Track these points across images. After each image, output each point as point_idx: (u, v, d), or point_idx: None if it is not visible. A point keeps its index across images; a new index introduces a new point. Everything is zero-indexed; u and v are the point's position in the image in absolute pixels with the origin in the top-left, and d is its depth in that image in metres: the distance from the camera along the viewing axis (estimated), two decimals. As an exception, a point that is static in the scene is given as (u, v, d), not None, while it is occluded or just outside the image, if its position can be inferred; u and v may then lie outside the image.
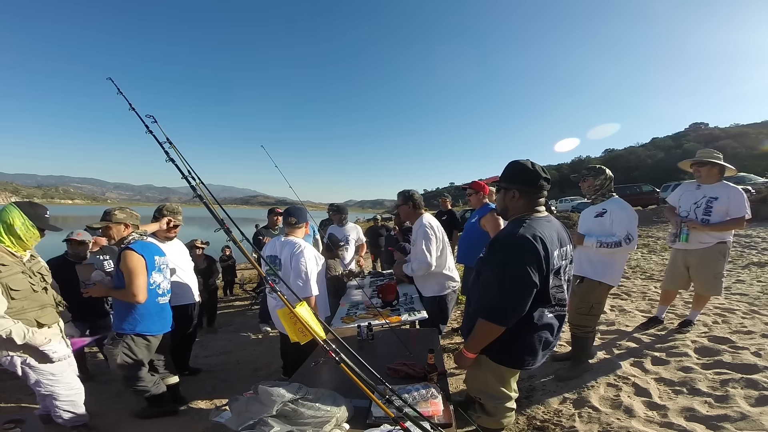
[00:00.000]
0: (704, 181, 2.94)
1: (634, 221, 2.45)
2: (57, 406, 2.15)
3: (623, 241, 2.39)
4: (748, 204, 2.83)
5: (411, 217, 2.93)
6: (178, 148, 1.71)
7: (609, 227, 2.48)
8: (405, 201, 2.92)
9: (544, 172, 1.54)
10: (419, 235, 2.78)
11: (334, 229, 4.53)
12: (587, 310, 2.52)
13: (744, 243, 6.74)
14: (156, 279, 2.40)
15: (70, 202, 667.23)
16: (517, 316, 1.42)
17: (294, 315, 1.25)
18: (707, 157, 2.93)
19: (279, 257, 2.48)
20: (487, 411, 1.63)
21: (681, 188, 3.16)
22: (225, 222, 1.45)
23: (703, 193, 2.89)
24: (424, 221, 2.81)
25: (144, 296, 2.24)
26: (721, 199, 2.82)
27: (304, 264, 2.36)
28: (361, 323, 2.45)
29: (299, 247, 2.41)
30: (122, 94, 1.85)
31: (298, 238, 2.56)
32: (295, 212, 2.60)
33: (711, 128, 73.71)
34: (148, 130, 1.75)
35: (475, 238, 3.33)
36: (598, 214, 2.57)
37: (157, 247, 2.55)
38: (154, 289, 2.37)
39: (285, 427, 1.24)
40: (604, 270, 2.50)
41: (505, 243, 1.48)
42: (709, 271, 2.90)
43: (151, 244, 2.49)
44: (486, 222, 3.21)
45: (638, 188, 17.25)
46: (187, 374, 3.25)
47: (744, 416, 1.84)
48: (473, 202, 3.50)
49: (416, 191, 2.97)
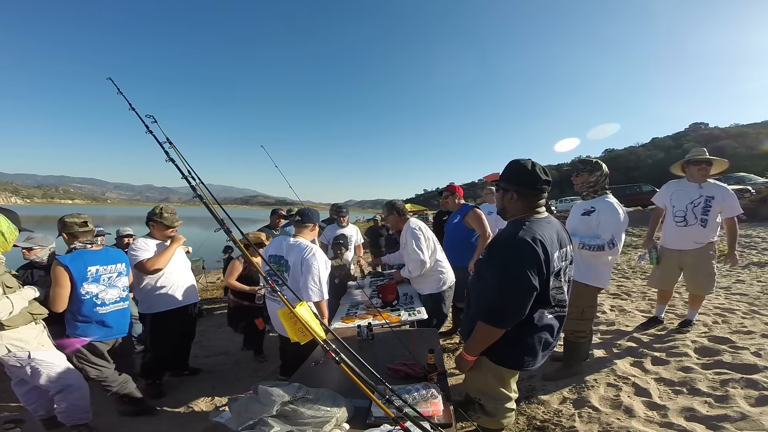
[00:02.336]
0: (699, 180, 2.92)
1: (621, 226, 2.32)
2: (69, 400, 2.21)
3: (606, 245, 2.28)
4: (738, 202, 2.88)
5: (399, 224, 3.13)
6: (178, 148, 1.71)
7: (594, 228, 2.38)
8: (390, 211, 3.17)
9: (545, 174, 1.50)
10: (408, 237, 2.94)
11: (330, 228, 4.54)
12: (579, 315, 2.46)
13: (744, 243, 6.74)
14: (90, 289, 2.36)
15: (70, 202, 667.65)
16: (517, 319, 1.42)
17: (294, 315, 1.25)
18: (702, 155, 2.93)
19: (286, 258, 2.43)
20: (487, 411, 1.63)
21: (668, 188, 3.11)
22: (225, 222, 1.46)
23: (701, 192, 2.87)
24: (410, 225, 3.00)
25: (61, 306, 2.27)
26: (717, 199, 2.82)
27: (317, 268, 2.32)
28: (361, 323, 2.45)
29: (310, 250, 2.36)
30: (122, 94, 1.85)
31: (307, 240, 2.50)
32: (306, 213, 2.57)
33: (711, 128, 73.66)
34: (148, 130, 1.76)
35: (460, 238, 3.45)
36: (585, 212, 2.47)
37: (98, 256, 2.45)
38: (90, 299, 2.35)
39: (285, 427, 1.23)
40: (589, 272, 2.42)
41: (505, 245, 1.46)
42: (704, 270, 2.92)
43: (87, 253, 2.41)
44: (470, 219, 3.34)
45: (638, 188, 17.25)
46: (187, 374, 3.26)
47: (744, 416, 1.84)
48: (450, 204, 3.62)
49: (399, 201, 3.27)
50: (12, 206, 2.72)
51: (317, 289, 2.31)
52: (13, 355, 2.05)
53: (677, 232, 2.97)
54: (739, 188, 12.34)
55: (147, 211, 3.05)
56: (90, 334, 2.39)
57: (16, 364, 2.08)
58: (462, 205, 3.55)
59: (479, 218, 3.30)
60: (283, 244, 2.49)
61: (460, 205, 3.55)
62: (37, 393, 2.30)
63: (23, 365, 2.09)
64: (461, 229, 3.43)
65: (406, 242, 2.98)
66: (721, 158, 2.95)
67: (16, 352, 2.06)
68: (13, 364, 2.07)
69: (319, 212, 2.70)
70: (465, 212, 3.41)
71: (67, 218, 2.47)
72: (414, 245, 2.86)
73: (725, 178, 15.99)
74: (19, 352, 2.07)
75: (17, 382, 2.26)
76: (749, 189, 12.03)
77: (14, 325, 2.05)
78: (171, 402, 2.82)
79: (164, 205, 3.09)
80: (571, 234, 2.40)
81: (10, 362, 2.06)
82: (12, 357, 2.05)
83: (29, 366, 2.10)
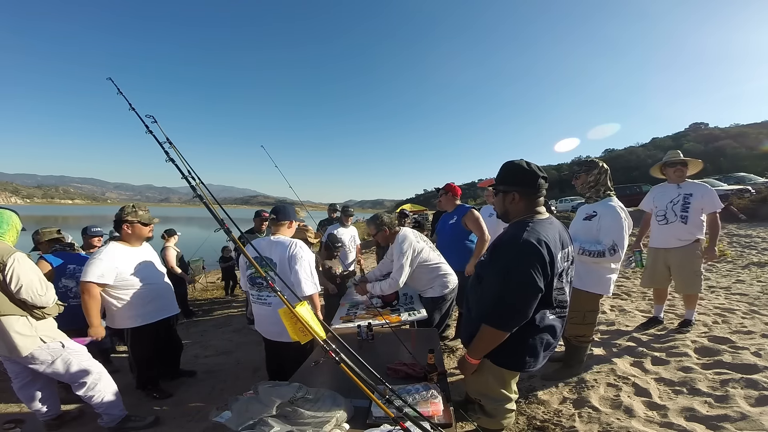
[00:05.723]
0: (677, 180, 3.04)
1: (623, 231, 2.26)
2: (100, 390, 2.25)
3: (607, 251, 2.24)
4: (718, 198, 2.95)
5: (390, 238, 2.90)
6: (178, 148, 1.71)
7: (595, 233, 2.34)
8: (379, 228, 2.90)
9: (541, 171, 1.51)
10: (395, 253, 2.77)
11: (332, 228, 4.56)
12: (580, 319, 2.45)
13: (744, 243, 6.74)
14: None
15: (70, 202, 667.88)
16: (521, 321, 1.41)
17: (294, 315, 1.25)
18: (677, 158, 3.06)
19: (270, 257, 2.32)
20: (487, 412, 1.63)
21: (652, 192, 3.25)
22: (225, 222, 1.45)
23: (679, 191, 3.00)
24: (398, 240, 2.80)
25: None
26: (695, 196, 2.92)
27: (306, 260, 2.29)
28: (361, 323, 2.45)
29: (295, 245, 2.30)
30: (122, 94, 1.85)
31: (286, 236, 2.42)
32: (279, 209, 2.47)
33: (711, 128, 73.63)
34: (148, 130, 1.76)
35: (456, 240, 3.33)
36: (587, 216, 2.44)
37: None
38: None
39: (285, 427, 1.23)
40: (589, 278, 2.38)
41: (509, 247, 1.44)
42: (689, 268, 2.96)
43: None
44: (468, 221, 3.25)
45: (638, 188, 17.26)
46: (182, 377, 3.22)
47: (744, 416, 1.84)
48: (444, 204, 3.53)
49: (382, 214, 3.01)
50: (12, 206, 2.79)
51: (311, 281, 2.27)
52: (46, 347, 2.05)
53: (660, 230, 3.11)
54: (739, 188, 12.32)
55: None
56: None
57: (47, 358, 2.06)
58: (458, 205, 3.45)
59: (477, 220, 3.20)
60: (263, 244, 2.40)
61: (456, 206, 3.44)
62: (47, 392, 2.30)
63: (54, 357, 2.08)
64: (458, 230, 3.32)
65: (394, 258, 2.80)
66: (695, 159, 3.08)
67: (50, 343, 2.06)
68: (44, 358, 2.05)
69: (294, 208, 2.57)
70: (463, 213, 3.30)
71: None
72: (400, 261, 2.70)
73: (725, 178, 15.99)
74: (53, 343, 2.07)
75: (25, 384, 2.22)
76: (749, 189, 12.01)
77: (51, 314, 2.10)
78: (171, 402, 2.82)
79: (135, 203, 2.91)
80: (573, 239, 2.41)
81: (41, 356, 2.04)
82: (44, 349, 2.05)
83: (60, 358, 2.10)
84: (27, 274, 1.95)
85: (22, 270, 1.94)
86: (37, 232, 3.14)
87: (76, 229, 3.40)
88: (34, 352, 2.01)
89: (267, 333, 2.41)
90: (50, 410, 2.33)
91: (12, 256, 1.93)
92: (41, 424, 2.36)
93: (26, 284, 1.94)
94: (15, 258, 1.93)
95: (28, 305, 1.99)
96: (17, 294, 1.93)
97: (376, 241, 3.32)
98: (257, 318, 2.46)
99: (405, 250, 2.73)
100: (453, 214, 3.43)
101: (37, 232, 3.14)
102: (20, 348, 1.97)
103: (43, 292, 2.01)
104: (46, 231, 3.16)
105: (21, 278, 1.92)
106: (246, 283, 2.48)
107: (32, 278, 1.97)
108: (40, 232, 3.14)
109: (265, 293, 2.30)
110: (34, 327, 2.01)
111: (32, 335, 2.00)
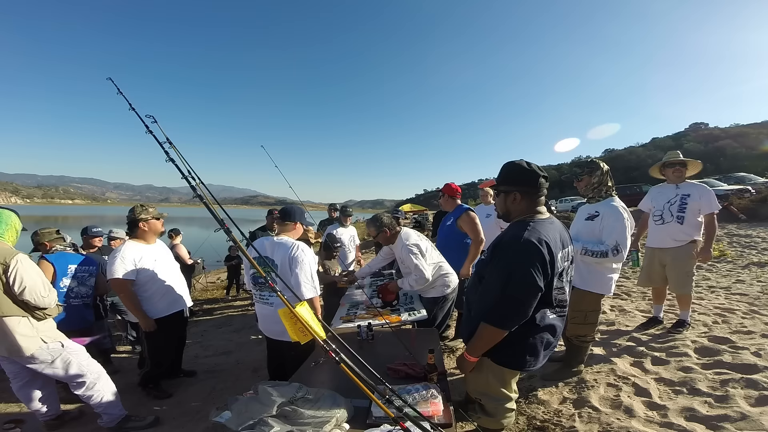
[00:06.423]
0: (676, 180, 3.04)
1: (625, 231, 2.25)
2: (100, 389, 2.26)
3: (610, 251, 2.23)
4: (716, 199, 2.95)
5: (391, 239, 2.90)
6: (178, 148, 1.71)
7: (598, 233, 2.33)
8: (380, 229, 2.88)
9: (542, 171, 1.52)
10: (404, 254, 2.76)
11: (332, 228, 4.56)
12: (582, 320, 2.44)
13: (744, 243, 6.74)
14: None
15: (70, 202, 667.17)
16: (521, 320, 1.41)
17: (294, 315, 1.25)
18: (677, 158, 3.06)
19: (272, 258, 2.31)
20: (488, 411, 1.63)
21: (650, 192, 3.26)
22: (225, 222, 1.45)
23: (677, 192, 3.00)
24: (404, 242, 2.79)
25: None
26: (693, 197, 2.92)
27: (307, 263, 2.27)
28: (361, 323, 2.44)
29: (297, 247, 2.28)
30: (122, 94, 1.85)
31: (291, 238, 2.40)
32: (285, 210, 2.45)
33: (711, 128, 73.59)
34: (148, 130, 1.75)
35: (452, 241, 3.31)
36: (589, 217, 2.43)
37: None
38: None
39: (285, 427, 1.23)
40: (591, 279, 2.38)
41: (510, 247, 1.45)
42: (681, 269, 2.97)
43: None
44: (463, 223, 3.22)
45: (638, 188, 17.27)
46: (183, 376, 3.25)
47: (744, 416, 1.84)
48: (443, 204, 3.53)
49: (382, 215, 2.99)
50: (12, 206, 2.81)
51: (310, 285, 2.26)
52: (46, 347, 2.05)
53: (656, 230, 3.12)
54: (739, 188, 12.32)
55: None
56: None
57: (47, 358, 2.06)
58: (457, 206, 3.42)
59: (472, 222, 3.17)
60: (266, 244, 2.36)
61: (456, 207, 3.43)
62: (46, 392, 2.30)
63: (54, 357, 2.08)
64: (453, 231, 3.30)
65: (404, 258, 2.79)
66: (694, 159, 3.08)
67: (50, 344, 2.06)
68: (44, 358, 2.06)
69: (303, 209, 2.53)
70: (458, 215, 3.28)
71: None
72: (415, 261, 2.69)
73: (725, 178, 15.98)
74: (53, 343, 2.08)
75: (24, 384, 2.21)
76: (749, 189, 12.01)
77: (51, 315, 2.10)
78: (171, 402, 2.82)
79: (142, 203, 3.03)
80: (574, 239, 2.35)
81: (41, 356, 2.04)
82: (45, 350, 2.05)
83: (60, 358, 2.10)
84: (31, 276, 1.96)
85: (26, 272, 1.94)
86: (36, 233, 3.17)
87: (76, 229, 3.41)
88: (34, 352, 2.02)
89: (269, 332, 2.42)
90: (50, 410, 2.33)
91: (14, 257, 1.93)
92: (41, 424, 2.36)
93: (30, 286, 1.94)
94: (18, 259, 1.93)
95: (30, 306, 1.99)
96: (20, 295, 1.93)
97: (377, 241, 3.31)
98: (260, 317, 2.47)
99: (412, 247, 2.73)
100: (451, 215, 3.42)
101: (36, 233, 3.17)
102: (23, 349, 1.97)
103: (46, 293, 2.01)
104: (45, 232, 3.18)
105: (25, 280, 1.93)
106: (249, 282, 2.49)
107: (36, 280, 1.98)
108: (39, 233, 3.17)
109: (266, 293, 2.31)
110: (35, 328, 2.02)
111: (34, 336, 2.00)
